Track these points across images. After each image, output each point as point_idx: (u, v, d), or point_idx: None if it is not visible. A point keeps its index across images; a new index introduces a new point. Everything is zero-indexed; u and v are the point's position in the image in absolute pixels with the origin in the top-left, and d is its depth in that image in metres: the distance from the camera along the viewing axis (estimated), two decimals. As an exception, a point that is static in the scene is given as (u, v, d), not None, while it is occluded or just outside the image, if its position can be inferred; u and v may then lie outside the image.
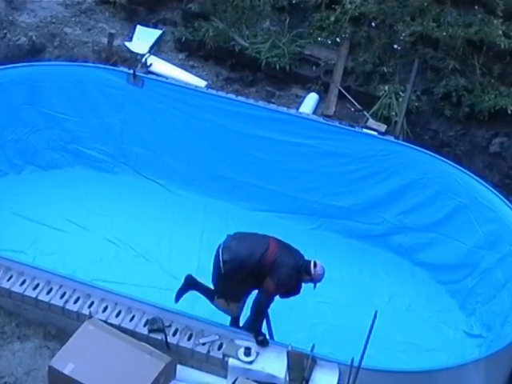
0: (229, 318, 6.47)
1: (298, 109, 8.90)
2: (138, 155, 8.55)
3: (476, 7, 8.74)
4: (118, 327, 5.91)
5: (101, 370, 5.41)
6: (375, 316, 5.27)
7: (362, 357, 5.26)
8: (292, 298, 6.20)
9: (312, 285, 6.06)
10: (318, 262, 5.87)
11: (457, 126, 8.89)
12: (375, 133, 8.31)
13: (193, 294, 6.90)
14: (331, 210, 8.31)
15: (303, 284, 6.05)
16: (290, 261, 5.76)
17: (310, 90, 9.30)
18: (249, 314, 6.15)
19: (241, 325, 6.37)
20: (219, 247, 5.94)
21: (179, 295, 6.32)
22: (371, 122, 8.73)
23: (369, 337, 5.22)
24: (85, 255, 7.47)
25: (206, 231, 8.01)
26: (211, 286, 6.17)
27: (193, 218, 8.20)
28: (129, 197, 8.27)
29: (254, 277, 5.81)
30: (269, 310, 6.15)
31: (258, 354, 5.81)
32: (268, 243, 5.85)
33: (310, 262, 5.90)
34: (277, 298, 6.02)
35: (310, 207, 8.35)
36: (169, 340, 5.89)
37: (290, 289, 5.89)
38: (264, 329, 6.23)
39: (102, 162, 8.58)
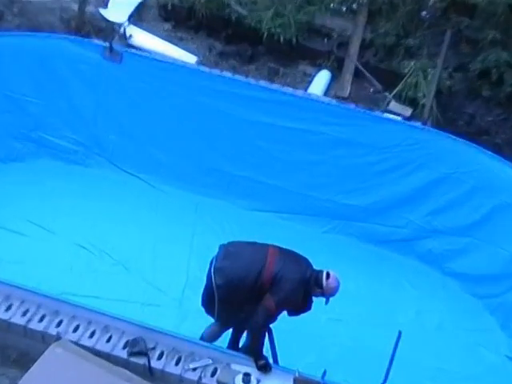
0: (225, 340, 6.51)
1: (306, 89, 8.96)
2: (115, 144, 8.54)
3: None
4: (92, 350, 5.87)
5: (71, 401, 5.34)
6: (399, 336, 5.30)
7: (383, 386, 5.26)
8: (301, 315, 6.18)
9: (324, 299, 6.04)
10: (331, 273, 5.85)
11: (497, 109, 8.93)
12: (399, 118, 8.39)
13: (182, 311, 7.15)
14: (346, 210, 8.33)
15: (314, 298, 6.05)
16: (295, 273, 5.79)
17: (320, 67, 9.35)
18: (246, 334, 6.20)
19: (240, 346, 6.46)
20: (211, 264, 5.99)
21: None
22: (394, 105, 8.84)
23: (391, 362, 5.24)
24: (51, 264, 7.43)
25: (198, 235, 8.03)
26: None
27: (181, 219, 8.20)
28: (104, 194, 8.26)
29: (255, 296, 5.84)
30: (272, 329, 6.15)
31: (259, 381, 5.78)
32: (266, 254, 5.87)
33: (321, 272, 5.88)
34: (283, 314, 6.03)
35: (320, 206, 8.37)
36: (153, 365, 5.86)
37: (296, 305, 5.88)
38: (267, 351, 6.22)
39: (71, 153, 8.58)
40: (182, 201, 8.32)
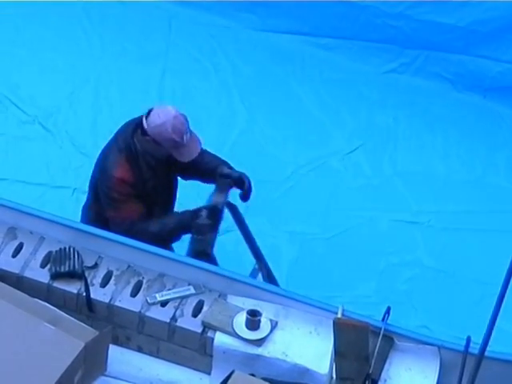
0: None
1: None
2: None
3: None
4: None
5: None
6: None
7: (487, 335, 3.88)
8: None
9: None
10: (155, 108, 5.12)
11: None
12: None
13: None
14: (429, 34, 7.06)
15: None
16: (106, 154, 5.27)
17: None
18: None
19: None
20: None
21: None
22: None
23: (502, 296, 3.78)
24: None
25: (169, 72, 7.00)
26: None
27: (143, 43, 7.16)
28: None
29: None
30: (237, 208, 5.39)
31: (275, 324, 4.73)
32: None
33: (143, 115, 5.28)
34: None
35: (384, 26, 7.10)
36: (93, 295, 4.95)
37: (134, 184, 5.10)
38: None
39: None
40: (145, 13, 7.30)
